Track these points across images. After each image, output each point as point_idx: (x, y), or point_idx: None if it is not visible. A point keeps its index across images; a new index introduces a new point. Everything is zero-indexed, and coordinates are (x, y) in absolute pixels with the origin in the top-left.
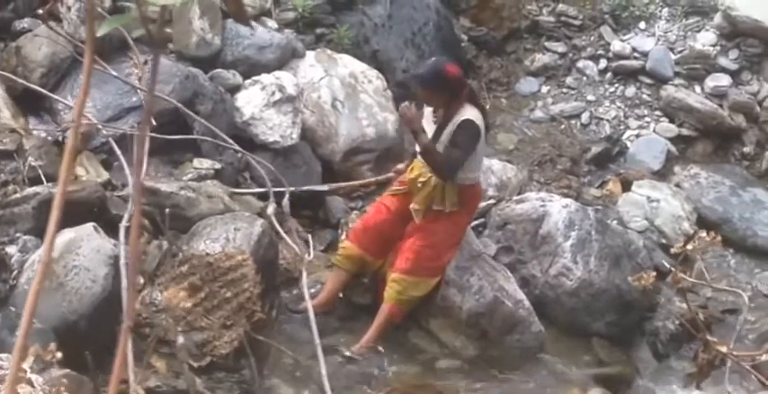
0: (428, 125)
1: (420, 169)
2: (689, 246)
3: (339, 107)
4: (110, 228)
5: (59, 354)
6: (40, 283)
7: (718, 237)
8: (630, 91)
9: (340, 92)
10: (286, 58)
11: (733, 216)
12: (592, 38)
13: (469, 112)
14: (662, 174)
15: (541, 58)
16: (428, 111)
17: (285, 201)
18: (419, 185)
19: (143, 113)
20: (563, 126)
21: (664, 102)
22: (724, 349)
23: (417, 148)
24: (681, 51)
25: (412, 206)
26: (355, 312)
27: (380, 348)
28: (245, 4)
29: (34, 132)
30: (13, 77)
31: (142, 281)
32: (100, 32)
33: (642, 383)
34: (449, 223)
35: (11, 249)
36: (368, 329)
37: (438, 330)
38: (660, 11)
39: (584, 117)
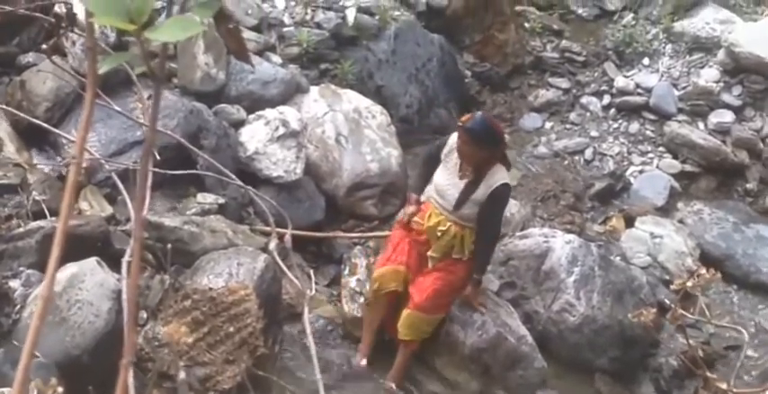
0: (446, 172)
1: (438, 217)
2: (689, 283)
3: (343, 142)
4: (113, 262)
5: (60, 389)
6: (41, 318)
7: (718, 274)
8: (634, 127)
9: (344, 127)
10: (290, 93)
11: (736, 252)
12: (595, 74)
13: (503, 174)
14: (665, 210)
15: (545, 94)
16: (452, 161)
17: (288, 237)
18: (438, 234)
19: (144, 147)
20: (566, 162)
21: (667, 138)
22: (724, 386)
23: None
24: (684, 87)
25: (429, 254)
26: (355, 348)
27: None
28: (249, 40)
29: (38, 166)
30: (18, 113)
31: (145, 315)
32: (101, 70)
33: None
34: (467, 266)
35: (14, 283)
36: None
37: (441, 366)
38: (664, 47)
39: (588, 153)
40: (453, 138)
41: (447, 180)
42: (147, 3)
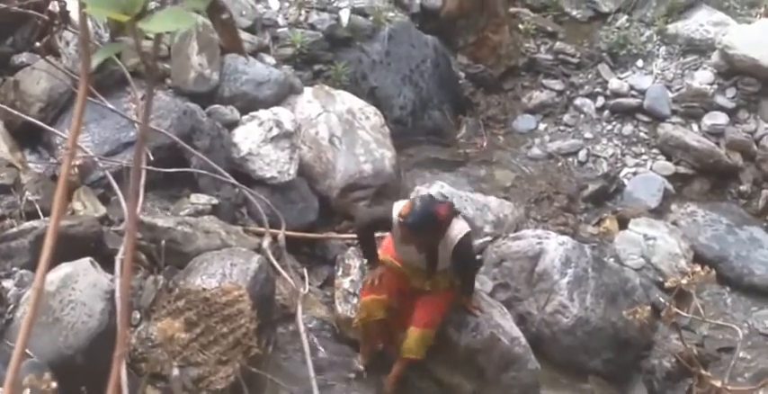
0: (403, 246)
1: (416, 278)
2: (683, 281)
3: (336, 143)
4: (106, 262)
5: (54, 384)
6: (34, 311)
7: (713, 273)
8: (628, 129)
9: (337, 128)
10: (284, 94)
11: (729, 254)
12: (589, 76)
13: (459, 226)
14: (659, 212)
15: (539, 96)
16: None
17: (281, 237)
18: (428, 288)
19: (137, 144)
20: (560, 163)
21: (661, 140)
22: (719, 384)
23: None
24: (678, 89)
25: (425, 286)
26: (348, 349)
27: None
28: (243, 40)
29: (31, 167)
30: (12, 111)
31: (138, 316)
32: (95, 62)
33: None
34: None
35: (7, 283)
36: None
37: (435, 367)
38: (658, 49)
39: (582, 154)
40: (397, 214)
41: (406, 254)
42: None
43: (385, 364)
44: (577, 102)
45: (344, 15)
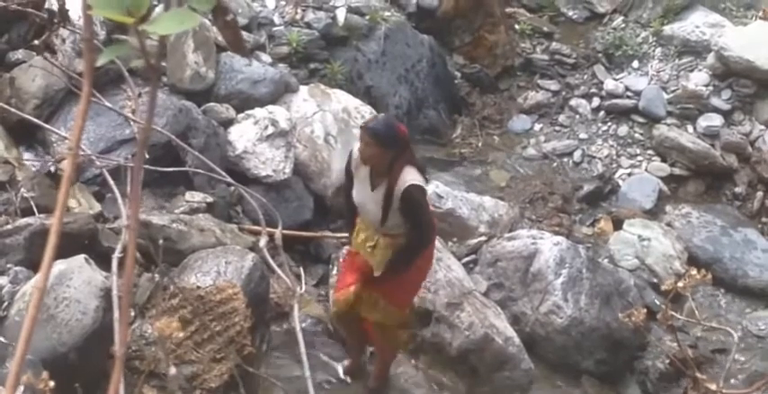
0: (360, 186)
1: (365, 232)
2: (679, 284)
3: (332, 142)
4: (101, 260)
5: (52, 383)
6: (36, 308)
7: (709, 276)
8: (623, 130)
9: (333, 127)
10: (279, 93)
11: (724, 256)
12: (585, 76)
13: (412, 176)
14: (653, 213)
15: (534, 96)
16: (362, 173)
17: (277, 236)
18: (369, 250)
19: (138, 144)
20: (555, 164)
21: (656, 141)
22: (713, 387)
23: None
24: (674, 91)
25: (374, 274)
26: (343, 348)
27: None
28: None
29: (27, 164)
30: (8, 108)
31: (133, 313)
32: (99, 62)
33: None
34: (414, 267)
35: (2, 280)
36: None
37: (427, 367)
38: (653, 50)
39: (577, 155)
40: (356, 148)
41: (362, 195)
42: None
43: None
44: (573, 102)
45: (341, 14)
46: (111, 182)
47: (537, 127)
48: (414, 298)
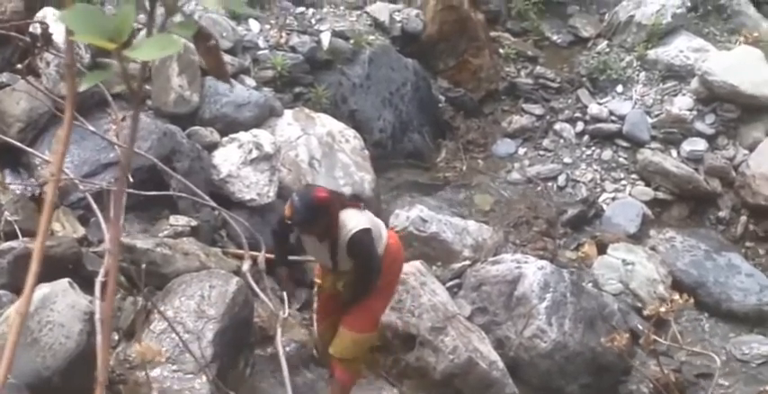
0: (308, 239)
1: (329, 275)
2: (662, 309)
3: (316, 166)
4: (85, 284)
5: None
6: (17, 334)
7: (691, 300)
8: (607, 154)
9: (317, 151)
10: (264, 117)
11: (708, 280)
12: (569, 100)
13: (354, 221)
14: (637, 238)
15: (519, 120)
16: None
17: (261, 260)
18: (342, 289)
19: (120, 168)
20: (539, 188)
21: (640, 165)
22: None
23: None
24: (657, 115)
25: (337, 286)
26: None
27: None
28: (225, 62)
29: (11, 187)
30: None
31: (116, 337)
32: (82, 88)
33: None
34: (380, 289)
35: None
36: None
37: (411, 391)
38: (637, 75)
39: (561, 179)
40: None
41: (311, 247)
42: (126, 22)
43: None
44: (557, 126)
45: (325, 38)
46: (95, 205)
47: (521, 151)
48: (378, 321)
